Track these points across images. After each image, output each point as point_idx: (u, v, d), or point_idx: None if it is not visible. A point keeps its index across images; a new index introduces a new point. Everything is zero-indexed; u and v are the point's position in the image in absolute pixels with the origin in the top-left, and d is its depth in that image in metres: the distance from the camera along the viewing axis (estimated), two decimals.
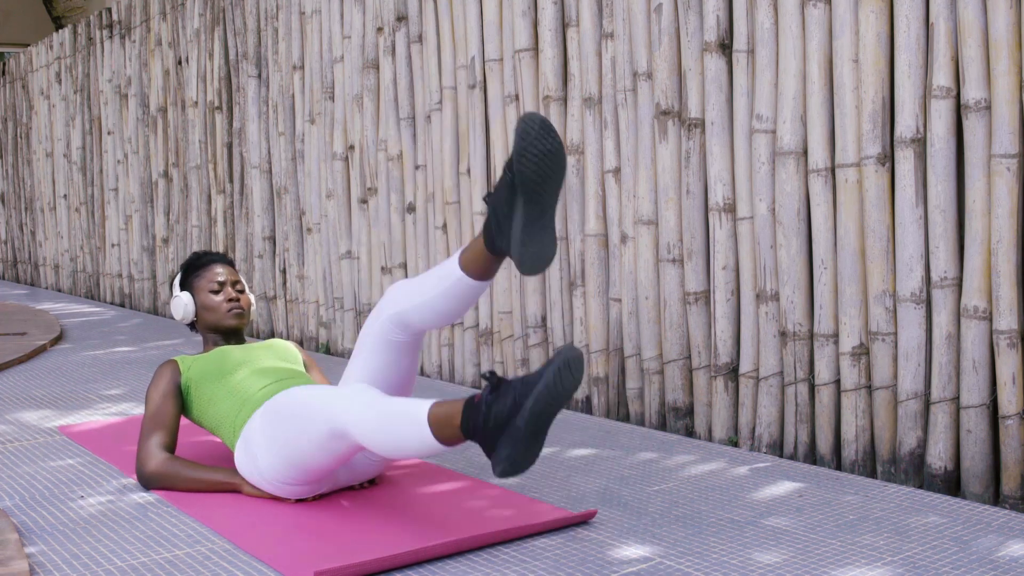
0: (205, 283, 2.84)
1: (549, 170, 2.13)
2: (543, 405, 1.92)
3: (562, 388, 1.94)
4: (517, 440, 1.92)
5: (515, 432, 1.93)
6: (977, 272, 2.48)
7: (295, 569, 2.00)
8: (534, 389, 1.93)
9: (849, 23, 2.67)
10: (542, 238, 2.18)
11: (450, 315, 2.39)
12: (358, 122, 4.48)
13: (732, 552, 2.08)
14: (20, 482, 2.72)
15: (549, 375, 1.93)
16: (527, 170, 2.12)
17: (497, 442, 1.96)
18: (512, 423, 1.93)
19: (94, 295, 7.68)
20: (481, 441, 1.99)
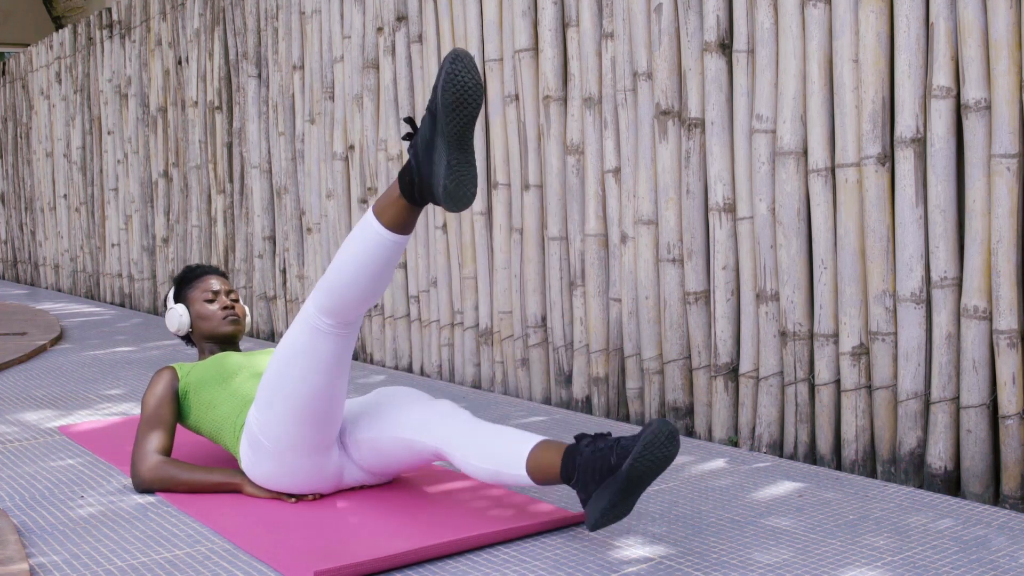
0: (199, 294, 2.85)
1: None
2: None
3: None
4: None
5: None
6: (977, 272, 2.48)
7: (295, 569, 2.00)
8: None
9: (849, 23, 2.67)
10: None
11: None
12: (358, 122, 4.48)
13: (732, 552, 2.08)
14: (20, 482, 2.72)
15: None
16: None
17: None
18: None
19: (94, 295, 7.69)
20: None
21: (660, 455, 1.98)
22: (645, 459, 1.97)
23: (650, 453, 1.97)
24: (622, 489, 1.98)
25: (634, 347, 3.32)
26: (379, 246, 2.20)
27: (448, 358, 4.10)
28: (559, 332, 3.56)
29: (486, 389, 3.90)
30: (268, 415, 2.35)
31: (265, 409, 2.36)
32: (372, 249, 2.21)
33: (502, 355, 3.81)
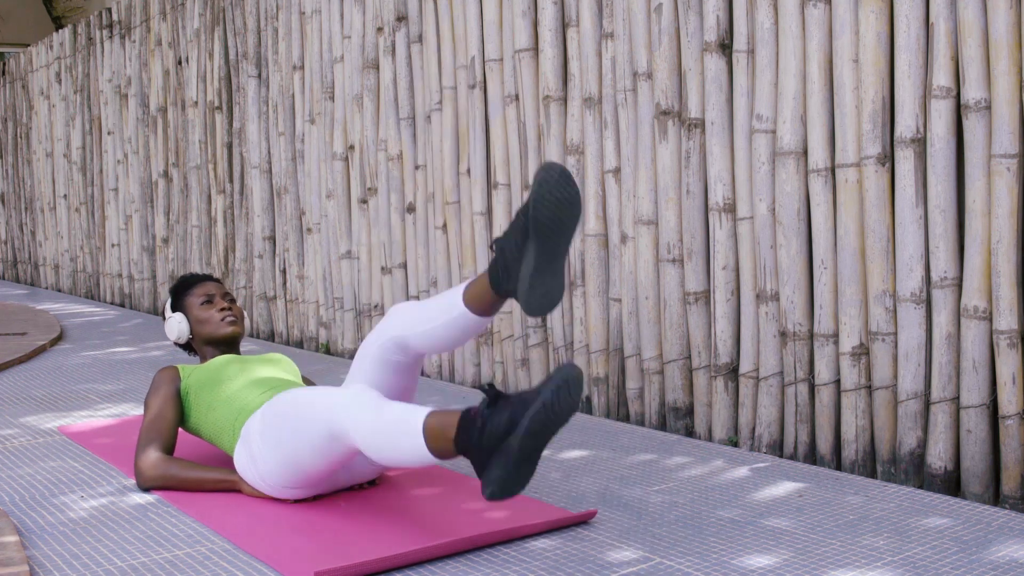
0: (195, 299, 2.87)
1: (566, 217, 2.14)
2: (539, 425, 1.87)
3: (560, 408, 1.89)
4: (510, 461, 1.88)
5: (508, 452, 1.88)
6: (977, 272, 2.48)
7: (295, 569, 2.00)
8: (530, 407, 1.88)
9: (849, 23, 2.67)
10: (551, 283, 2.17)
11: (450, 344, 2.39)
12: (358, 122, 4.48)
13: (732, 552, 2.08)
14: (20, 482, 2.72)
15: (547, 393, 1.88)
16: (543, 217, 2.12)
17: (489, 461, 1.92)
18: (506, 443, 1.89)
19: (94, 295, 7.69)
20: (473, 459, 1.95)
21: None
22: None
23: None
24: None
25: (634, 347, 3.32)
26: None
27: (448, 358, 4.10)
28: (559, 332, 3.56)
29: None
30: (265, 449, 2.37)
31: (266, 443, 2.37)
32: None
33: (502, 355, 3.81)
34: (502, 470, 1.88)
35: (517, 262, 2.19)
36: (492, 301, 2.30)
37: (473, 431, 1.94)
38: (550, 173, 2.13)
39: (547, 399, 1.88)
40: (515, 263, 2.19)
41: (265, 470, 2.39)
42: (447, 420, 2.01)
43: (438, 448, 2.02)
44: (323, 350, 4.84)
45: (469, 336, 2.38)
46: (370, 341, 2.46)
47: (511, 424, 1.90)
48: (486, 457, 1.93)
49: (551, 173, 2.13)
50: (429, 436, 2.01)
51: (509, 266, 2.21)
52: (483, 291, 2.30)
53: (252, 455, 2.42)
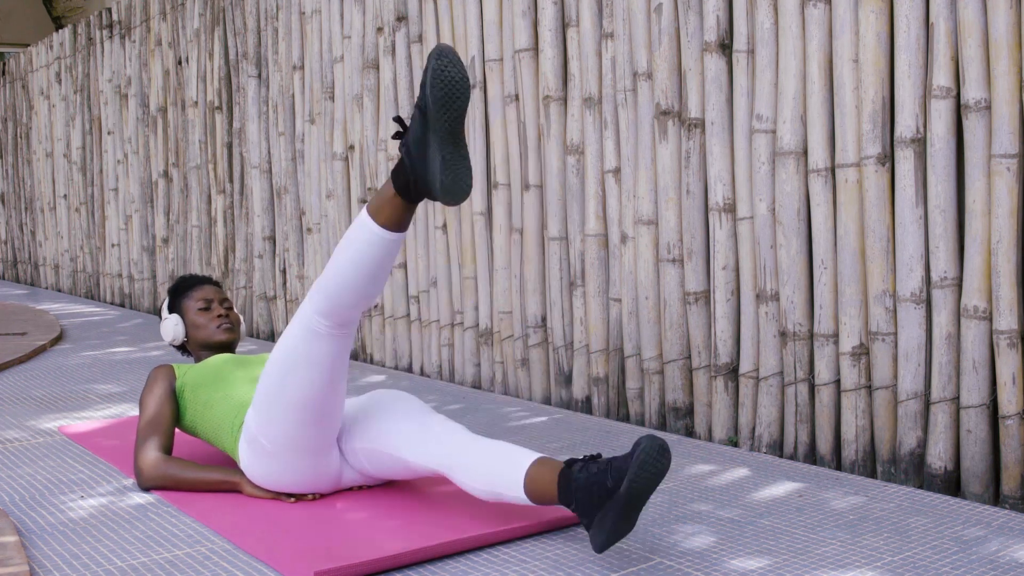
0: (193, 303, 2.87)
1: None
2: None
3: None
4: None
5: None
6: (977, 272, 2.48)
7: (295, 569, 2.00)
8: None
9: (849, 23, 2.67)
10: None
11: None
12: (358, 122, 4.48)
13: (732, 552, 2.08)
14: (20, 482, 2.72)
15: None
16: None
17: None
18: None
19: (94, 295, 7.69)
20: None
21: (654, 471, 1.96)
22: (641, 478, 1.95)
23: (644, 471, 1.95)
24: (623, 510, 1.96)
25: (634, 347, 3.32)
26: (375, 245, 2.20)
27: (448, 358, 4.10)
28: (559, 332, 3.56)
29: (486, 389, 3.90)
30: (266, 416, 2.36)
31: (264, 410, 2.36)
32: (368, 249, 2.20)
33: (502, 355, 3.81)
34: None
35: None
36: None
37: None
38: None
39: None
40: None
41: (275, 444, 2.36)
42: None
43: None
44: None
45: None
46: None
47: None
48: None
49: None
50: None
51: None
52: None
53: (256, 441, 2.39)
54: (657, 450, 1.96)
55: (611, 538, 1.98)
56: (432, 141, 2.12)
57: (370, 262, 2.20)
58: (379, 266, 2.23)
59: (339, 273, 2.22)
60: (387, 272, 2.27)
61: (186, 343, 2.89)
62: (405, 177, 2.16)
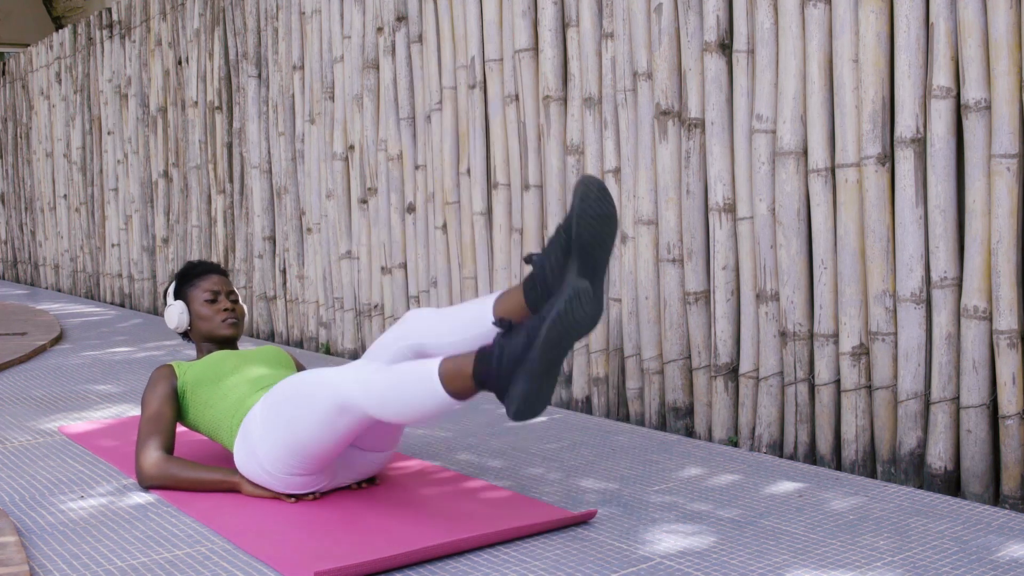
0: (199, 293, 2.84)
1: (606, 233, 2.11)
2: (557, 333, 1.83)
3: (577, 315, 1.85)
4: (532, 374, 1.83)
5: (529, 366, 1.84)
6: (977, 272, 2.48)
7: (295, 569, 2.00)
8: (546, 320, 1.86)
9: (849, 23, 2.67)
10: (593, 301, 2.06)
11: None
12: (358, 122, 4.48)
13: (732, 552, 2.08)
14: (20, 482, 2.72)
15: (560, 303, 1.86)
16: (585, 232, 2.08)
17: (511, 381, 1.89)
18: (527, 359, 1.86)
19: (94, 295, 7.69)
20: (494, 385, 1.91)
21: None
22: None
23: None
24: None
25: (634, 347, 3.32)
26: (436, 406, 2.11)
27: None
28: None
29: None
30: (267, 435, 2.36)
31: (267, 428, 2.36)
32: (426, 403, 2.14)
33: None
34: (524, 384, 1.85)
35: (559, 279, 2.13)
36: (524, 317, 2.22)
37: (491, 359, 1.93)
38: (590, 188, 2.10)
39: (561, 308, 1.86)
40: (556, 280, 2.13)
41: (268, 460, 2.38)
42: (463, 360, 2.01)
43: (456, 388, 1.98)
44: (323, 350, 4.84)
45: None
46: (387, 342, 2.39)
47: (529, 339, 1.87)
48: (507, 380, 1.89)
49: (591, 188, 2.10)
50: (446, 378, 1.99)
51: (549, 282, 2.15)
52: (516, 306, 2.22)
53: (252, 446, 2.40)
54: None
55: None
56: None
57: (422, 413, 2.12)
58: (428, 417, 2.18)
59: (387, 401, 2.12)
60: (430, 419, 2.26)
61: (189, 331, 2.87)
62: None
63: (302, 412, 2.27)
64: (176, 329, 2.85)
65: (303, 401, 2.27)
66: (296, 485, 2.42)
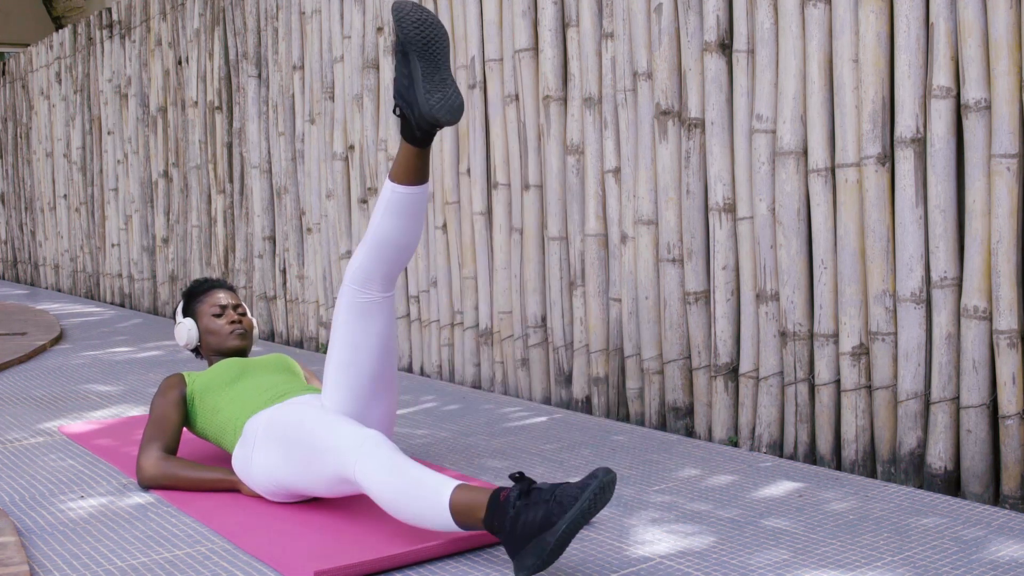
0: (207, 308, 2.89)
1: (429, 29, 2.34)
2: (575, 526, 1.90)
3: (595, 509, 1.92)
4: (545, 553, 1.90)
5: (544, 547, 1.90)
6: (977, 272, 2.48)
7: (295, 569, 2.00)
8: (568, 511, 1.89)
9: (849, 23, 2.67)
10: (445, 88, 2.33)
11: (402, 241, 2.45)
12: (358, 122, 4.48)
13: (732, 552, 2.08)
14: (20, 482, 2.72)
15: (586, 500, 1.90)
16: (411, 34, 2.32)
17: (523, 549, 1.93)
18: (542, 538, 1.91)
19: (94, 295, 7.69)
20: (505, 542, 1.96)
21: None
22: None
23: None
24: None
25: (634, 347, 3.32)
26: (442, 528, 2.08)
27: (448, 358, 4.10)
28: (559, 332, 3.56)
29: (486, 389, 3.90)
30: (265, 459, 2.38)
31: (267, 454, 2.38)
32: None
33: (502, 355, 3.81)
34: (537, 559, 1.90)
35: (411, 88, 2.33)
36: (414, 157, 2.40)
37: (505, 519, 1.95)
38: (402, 6, 2.35)
39: (585, 506, 1.90)
40: (409, 90, 2.33)
41: (259, 477, 2.40)
42: (475, 500, 2.00)
43: (465, 522, 2.02)
44: (323, 350, 4.84)
45: (414, 218, 2.45)
46: (339, 296, 2.51)
47: (546, 523, 1.91)
48: (519, 545, 1.94)
49: (403, 6, 2.35)
50: (456, 512, 2.01)
51: (406, 97, 2.34)
52: (404, 155, 2.40)
53: (249, 458, 2.42)
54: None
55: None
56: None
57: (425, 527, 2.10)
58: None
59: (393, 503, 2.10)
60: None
61: (199, 347, 2.90)
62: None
63: (304, 463, 2.27)
64: (187, 346, 2.89)
65: (311, 455, 2.25)
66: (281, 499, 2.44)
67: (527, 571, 1.92)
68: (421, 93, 2.30)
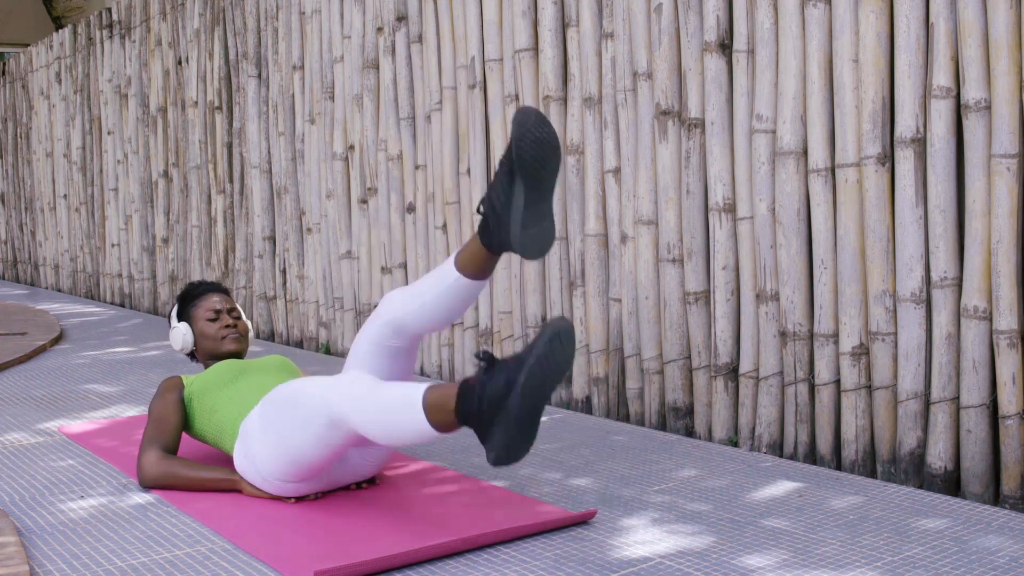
0: (202, 312, 2.88)
1: (547, 154, 2.19)
2: (536, 380, 1.86)
3: (554, 361, 1.87)
4: (511, 422, 1.85)
5: (508, 413, 1.86)
6: (977, 272, 2.48)
7: (295, 569, 2.00)
8: (524, 365, 1.87)
9: (849, 23, 2.67)
10: (542, 222, 2.22)
11: (447, 317, 2.41)
12: (358, 122, 4.48)
13: (732, 552, 2.08)
14: (20, 482, 2.72)
15: (540, 347, 1.88)
16: (526, 155, 2.17)
17: (491, 426, 1.90)
18: (506, 403, 1.87)
19: (94, 295, 7.69)
20: (475, 426, 1.93)
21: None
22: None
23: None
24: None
25: (634, 347, 3.32)
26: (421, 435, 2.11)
27: (448, 358, 4.10)
28: None
29: None
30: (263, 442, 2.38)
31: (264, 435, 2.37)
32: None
33: (502, 355, 3.81)
34: (504, 434, 1.87)
35: (507, 209, 2.21)
36: (485, 259, 2.34)
37: (472, 398, 1.93)
38: (527, 115, 2.19)
39: (540, 353, 1.87)
40: (505, 211, 2.22)
41: (264, 466, 2.40)
42: (446, 392, 2.00)
43: (439, 421, 2.00)
44: (323, 350, 4.84)
45: (465, 304, 2.41)
46: (367, 327, 2.47)
47: (508, 385, 1.88)
48: (488, 424, 1.90)
49: (528, 115, 2.19)
50: (430, 410, 2.00)
51: (499, 215, 2.23)
52: (475, 251, 2.33)
53: (250, 452, 2.42)
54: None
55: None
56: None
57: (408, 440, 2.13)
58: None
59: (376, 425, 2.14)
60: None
61: (195, 351, 2.90)
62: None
63: (296, 424, 2.28)
64: (182, 350, 2.89)
65: (297, 413, 2.28)
66: (291, 491, 2.43)
67: (497, 449, 1.86)
68: (516, 221, 2.18)
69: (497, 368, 1.94)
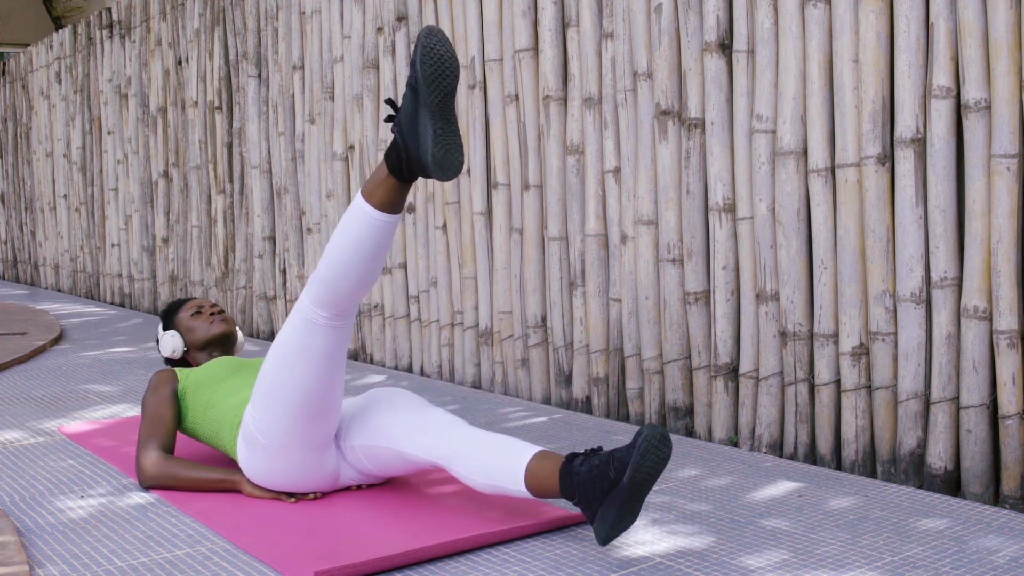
0: (185, 314, 2.94)
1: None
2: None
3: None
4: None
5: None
6: (977, 272, 2.48)
7: (295, 569, 2.00)
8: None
9: (849, 23, 2.67)
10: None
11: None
12: (358, 122, 4.48)
13: (732, 552, 2.08)
14: (20, 482, 2.72)
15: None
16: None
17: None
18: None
19: (94, 295, 7.69)
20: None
21: (656, 459, 2.02)
22: (643, 467, 2.00)
23: (647, 460, 2.00)
24: (626, 501, 2.01)
25: (634, 347, 3.32)
26: (371, 228, 2.22)
27: (448, 358, 4.10)
28: (559, 332, 3.56)
29: (486, 389, 3.90)
30: (264, 411, 2.36)
31: (261, 405, 2.37)
32: (364, 232, 2.23)
33: (502, 355, 3.81)
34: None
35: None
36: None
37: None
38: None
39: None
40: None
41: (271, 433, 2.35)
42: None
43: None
44: None
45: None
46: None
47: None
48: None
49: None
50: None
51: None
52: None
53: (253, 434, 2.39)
54: (658, 439, 2.02)
55: (615, 530, 2.03)
56: (423, 117, 2.16)
57: (366, 246, 2.23)
58: (375, 250, 2.25)
59: (336, 260, 2.25)
60: (383, 257, 2.30)
61: (186, 353, 2.91)
62: (397, 156, 2.19)
63: (283, 363, 2.32)
64: (173, 355, 2.90)
65: (280, 353, 2.33)
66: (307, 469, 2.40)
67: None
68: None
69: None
